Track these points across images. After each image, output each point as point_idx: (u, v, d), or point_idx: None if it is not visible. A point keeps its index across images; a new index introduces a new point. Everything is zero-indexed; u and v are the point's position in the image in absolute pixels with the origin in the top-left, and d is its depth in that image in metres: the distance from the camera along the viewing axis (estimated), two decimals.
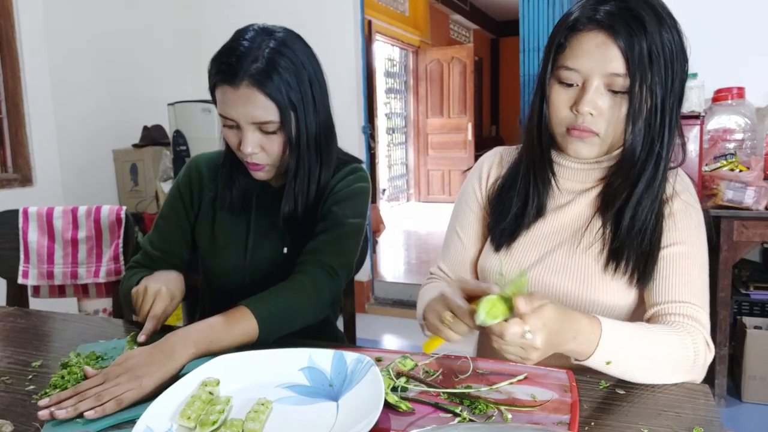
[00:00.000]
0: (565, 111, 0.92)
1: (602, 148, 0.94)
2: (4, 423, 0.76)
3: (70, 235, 1.67)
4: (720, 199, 2.22)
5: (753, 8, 2.54)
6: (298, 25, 1.12)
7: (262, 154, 1.06)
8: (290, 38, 1.06)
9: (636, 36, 0.85)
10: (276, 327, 0.98)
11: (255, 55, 1.00)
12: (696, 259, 0.94)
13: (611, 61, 0.86)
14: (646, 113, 0.89)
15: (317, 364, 0.84)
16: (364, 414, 0.69)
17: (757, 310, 2.45)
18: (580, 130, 0.91)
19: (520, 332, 0.70)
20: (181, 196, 1.23)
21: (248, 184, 1.18)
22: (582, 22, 0.88)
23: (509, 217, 1.03)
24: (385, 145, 7.77)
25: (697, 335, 0.86)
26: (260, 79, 0.99)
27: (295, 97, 1.03)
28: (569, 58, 0.89)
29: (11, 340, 1.09)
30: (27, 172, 3.05)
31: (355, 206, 1.14)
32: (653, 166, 0.92)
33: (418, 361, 0.89)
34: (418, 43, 7.85)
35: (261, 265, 1.18)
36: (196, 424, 0.71)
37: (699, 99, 2.36)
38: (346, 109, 3.51)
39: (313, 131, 1.08)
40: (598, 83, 0.88)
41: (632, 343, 0.81)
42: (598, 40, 0.87)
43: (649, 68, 0.86)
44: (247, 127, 1.03)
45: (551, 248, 1.01)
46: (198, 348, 0.87)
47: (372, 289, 3.87)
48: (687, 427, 0.72)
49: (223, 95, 1.02)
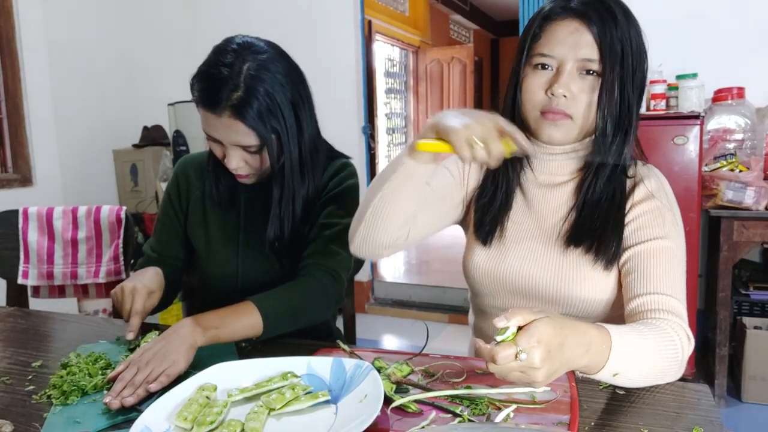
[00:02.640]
0: (539, 94, 0.94)
1: (574, 132, 0.96)
2: (4, 423, 0.76)
3: (70, 235, 1.67)
4: (720, 199, 2.22)
5: (753, 8, 2.54)
6: (298, 24, 1.13)
7: (246, 167, 1.08)
8: (271, 57, 1.05)
9: (608, 24, 0.90)
10: (280, 325, 1.03)
11: (235, 83, 0.99)
12: (675, 253, 0.94)
13: (585, 46, 0.90)
14: (616, 98, 0.92)
15: (316, 371, 0.84)
16: (363, 413, 0.69)
17: (757, 310, 2.45)
18: (554, 113, 0.93)
19: (512, 354, 0.64)
20: (170, 199, 1.26)
21: (234, 181, 1.20)
22: (556, 11, 0.93)
23: (491, 210, 1.05)
24: (385, 145, 7.76)
25: (679, 330, 0.85)
26: (240, 110, 1.00)
27: (277, 123, 1.04)
28: (544, 46, 0.93)
29: (11, 340, 1.09)
30: (27, 172, 3.06)
31: (350, 205, 1.16)
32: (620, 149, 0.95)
33: (415, 366, 0.89)
34: (418, 43, 7.85)
35: (254, 262, 1.19)
36: (192, 425, 0.71)
37: (699, 99, 2.36)
38: (346, 109, 3.51)
39: (296, 154, 1.09)
40: (572, 68, 0.91)
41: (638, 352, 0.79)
42: (572, 27, 0.91)
43: (620, 57, 0.90)
44: (230, 148, 1.05)
45: (532, 242, 1.03)
46: (207, 335, 0.93)
47: (372, 289, 3.87)
48: (687, 427, 0.72)
49: (206, 118, 1.04)
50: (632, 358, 0.78)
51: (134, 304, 1.02)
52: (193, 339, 0.91)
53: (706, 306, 2.61)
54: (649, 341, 0.82)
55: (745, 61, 2.54)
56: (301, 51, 1.23)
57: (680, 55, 2.56)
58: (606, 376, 0.76)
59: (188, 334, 0.91)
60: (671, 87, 2.42)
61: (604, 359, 0.73)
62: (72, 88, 3.23)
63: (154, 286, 1.09)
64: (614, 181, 0.97)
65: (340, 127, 3.64)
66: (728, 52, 2.57)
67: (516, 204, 1.05)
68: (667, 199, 0.99)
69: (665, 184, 1.01)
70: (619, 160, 0.96)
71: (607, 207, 0.97)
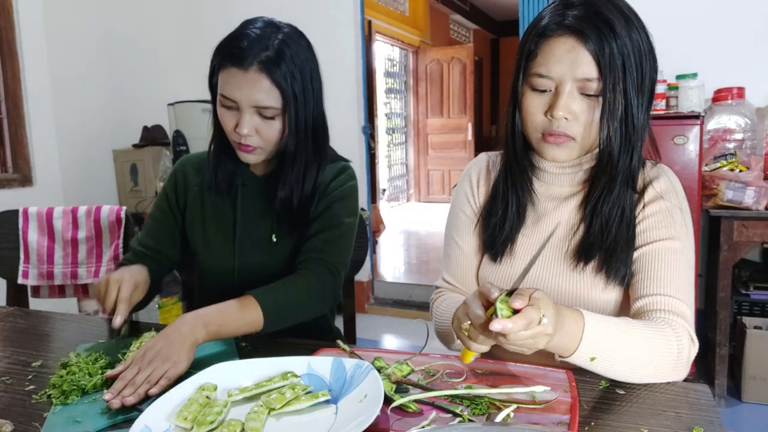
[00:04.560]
0: (539, 117, 0.92)
1: (579, 151, 0.95)
2: (4, 423, 0.76)
3: (70, 235, 1.67)
4: (720, 199, 2.22)
5: (753, 8, 2.54)
6: (299, 25, 1.13)
7: (256, 137, 1.08)
8: (296, 34, 1.11)
9: (606, 39, 0.85)
10: (280, 320, 1.03)
11: (265, 44, 1.04)
12: (682, 255, 0.93)
13: (582, 65, 0.86)
14: (620, 114, 0.89)
15: (316, 370, 0.84)
16: (363, 413, 0.69)
17: (757, 310, 2.45)
18: (556, 135, 0.91)
19: (537, 318, 0.68)
20: (167, 197, 1.26)
21: (234, 169, 1.20)
22: (551, 27, 0.89)
23: (500, 226, 1.04)
24: (385, 145, 7.77)
25: (681, 331, 0.86)
26: (269, 66, 1.03)
27: (298, 88, 1.06)
28: (541, 65, 0.90)
29: (11, 340, 1.09)
30: (27, 172, 3.06)
31: (350, 206, 1.18)
32: (627, 165, 0.93)
33: (415, 366, 0.89)
34: (418, 43, 7.85)
35: (250, 256, 1.20)
36: (192, 425, 0.71)
37: (699, 99, 2.36)
38: (346, 109, 3.50)
39: (311, 123, 1.11)
40: (571, 88, 0.88)
41: (616, 337, 0.80)
42: (568, 45, 0.87)
43: (620, 70, 0.86)
44: (247, 110, 1.05)
45: (542, 257, 1.01)
46: (209, 330, 0.93)
47: (372, 289, 3.87)
48: (687, 427, 0.72)
49: (229, 76, 1.04)
50: (611, 345, 0.79)
51: (120, 292, 1.01)
52: (195, 337, 0.91)
53: (706, 306, 2.61)
54: (636, 332, 0.82)
55: (745, 61, 2.54)
56: None
57: (680, 55, 2.56)
58: (583, 359, 0.79)
59: (189, 331, 0.91)
60: (671, 87, 2.42)
61: (576, 341, 0.77)
62: (72, 88, 3.23)
63: (140, 280, 1.08)
64: (622, 197, 0.94)
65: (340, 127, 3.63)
66: (728, 52, 2.57)
67: (527, 219, 1.03)
68: (677, 199, 0.97)
69: (676, 184, 0.99)
70: (627, 175, 0.93)
71: (617, 224, 0.94)
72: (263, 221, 1.19)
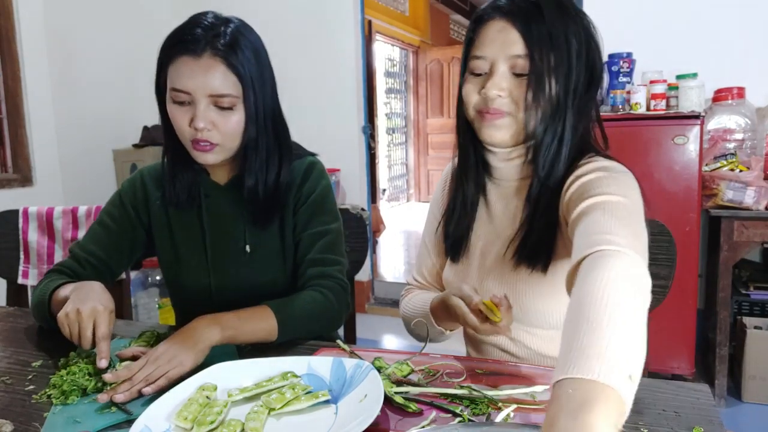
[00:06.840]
0: (474, 96, 0.96)
1: (515, 130, 0.94)
2: (4, 423, 0.76)
3: (70, 235, 1.67)
4: (720, 199, 2.22)
5: (753, 8, 2.54)
6: (299, 24, 1.14)
7: (214, 132, 1.01)
8: (247, 25, 1.08)
9: (533, 19, 0.90)
10: (294, 332, 1.03)
11: (218, 30, 1.01)
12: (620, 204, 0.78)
13: (512, 43, 0.91)
14: (551, 96, 0.91)
15: (316, 370, 0.84)
16: (363, 413, 0.69)
17: (757, 310, 2.45)
18: (491, 113, 0.94)
19: None
20: (125, 209, 1.18)
21: (192, 178, 1.14)
22: (487, 12, 0.95)
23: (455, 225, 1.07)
24: (385, 145, 7.77)
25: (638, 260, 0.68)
26: (224, 51, 0.99)
27: (255, 74, 1.03)
28: (477, 48, 0.95)
29: (11, 340, 1.09)
30: (27, 172, 3.06)
31: (330, 209, 1.16)
32: (556, 149, 0.93)
33: (415, 366, 0.89)
34: (418, 43, 7.85)
35: (225, 271, 1.16)
36: (192, 425, 0.71)
37: (699, 99, 2.36)
38: (346, 109, 3.50)
39: (270, 111, 1.08)
40: (504, 68, 0.92)
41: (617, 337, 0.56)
42: (499, 26, 0.93)
43: (548, 50, 0.90)
44: (201, 100, 0.99)
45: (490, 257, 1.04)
46: (224, 334, 0.92)
47: (372, 289, 3.87)
48: (687, 427, 0.72)
49: (182, 66, 0.99)
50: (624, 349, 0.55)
51: (99, 328, 0.90)
52: (209, 339, 0.90)
53: (706, 306, 2.61)
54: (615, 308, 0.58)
55: (745, 61, 2.54)
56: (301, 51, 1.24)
57: (680, 55, 2.56)
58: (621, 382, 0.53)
59: (204, 333, 0.90)
60: (671, 87, 2.42)
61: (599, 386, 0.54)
62: (72, 88, 3.24)
63: (110, 305, 0.95)
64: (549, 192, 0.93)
65: (340, 127, 3.65)
66: (728, 52, 2.56)
67: (479, 216, 1.06)
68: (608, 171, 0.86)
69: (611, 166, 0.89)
70: (550, 171, 0.93)
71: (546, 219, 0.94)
72: (234, 231, 1.14)
